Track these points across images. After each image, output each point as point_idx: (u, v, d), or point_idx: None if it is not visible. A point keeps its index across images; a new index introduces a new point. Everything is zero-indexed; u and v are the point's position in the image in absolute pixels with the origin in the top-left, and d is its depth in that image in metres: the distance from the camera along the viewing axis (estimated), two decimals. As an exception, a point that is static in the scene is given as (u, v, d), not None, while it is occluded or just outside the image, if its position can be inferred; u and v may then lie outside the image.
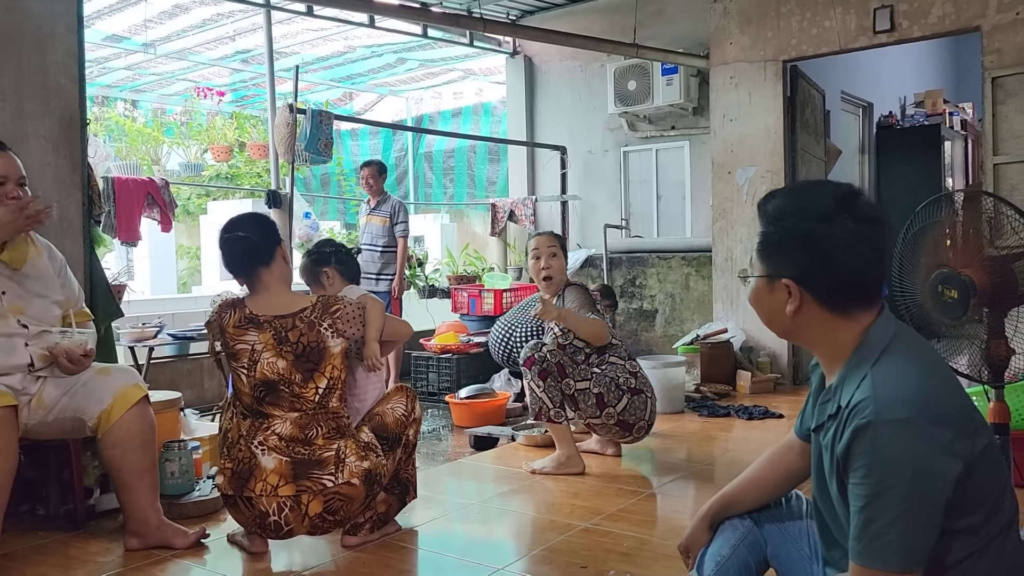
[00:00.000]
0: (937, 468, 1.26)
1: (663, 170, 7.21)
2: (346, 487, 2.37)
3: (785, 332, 1.50)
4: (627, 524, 2.77)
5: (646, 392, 3.51)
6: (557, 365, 3.38)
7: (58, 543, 2.69)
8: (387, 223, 5.92)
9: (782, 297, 1.43)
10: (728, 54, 5.75)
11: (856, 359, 1.40)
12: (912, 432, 1.26)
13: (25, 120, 3.22)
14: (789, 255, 1.42)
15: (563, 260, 3.67)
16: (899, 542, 1.26)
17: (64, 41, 3.35)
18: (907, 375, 1.33)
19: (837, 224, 1.37)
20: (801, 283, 1.41)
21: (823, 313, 1.42)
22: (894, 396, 1.29)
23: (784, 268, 1.42)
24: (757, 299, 1.49)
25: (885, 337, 1.39)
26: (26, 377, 2.56)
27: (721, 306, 5.85)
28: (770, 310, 1.47)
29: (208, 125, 8.75)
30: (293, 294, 2.57)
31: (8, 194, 2.50)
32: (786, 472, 1.75)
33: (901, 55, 7.76)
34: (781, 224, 1.43)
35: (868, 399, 1.30)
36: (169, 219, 5.17)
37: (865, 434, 1.28)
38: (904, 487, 1.25)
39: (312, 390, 2.44)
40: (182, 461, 3.00)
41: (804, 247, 1.40)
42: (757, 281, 1.48)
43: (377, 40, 7.57)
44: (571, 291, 3.59)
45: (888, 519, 1.26)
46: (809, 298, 1.41)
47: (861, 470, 1.29)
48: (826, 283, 1.40)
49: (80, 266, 3.32)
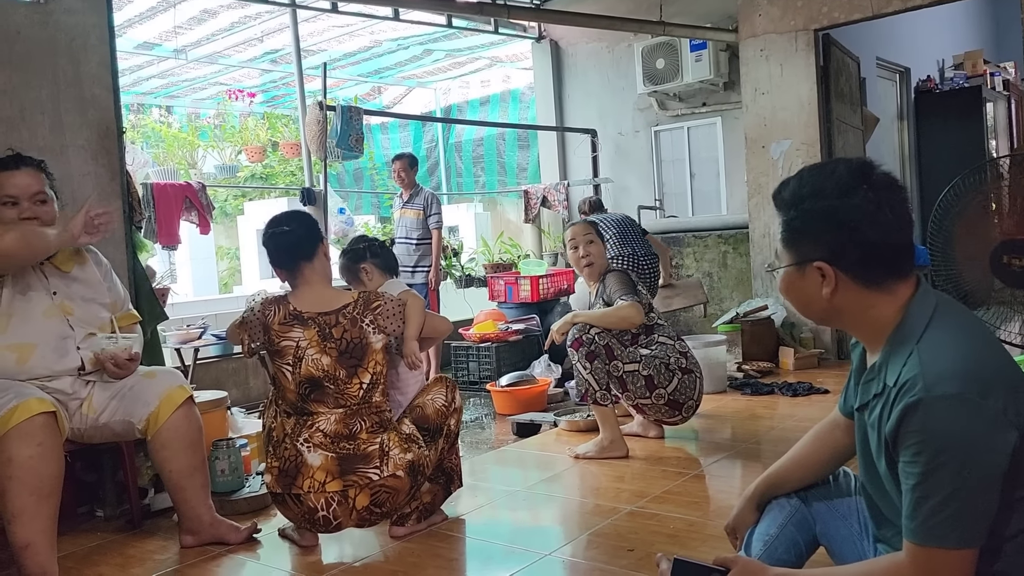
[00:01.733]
0: (992, 442, 1.23)
1: (695, 148, 7.13)
2: (391, 479, 2.40)
3: (823, 317, 1.47)
4: (673, 506, 2.76)
5: (696, 372, 3.52)
6: (605, 347, 3.37)
7: (116, 543, 2.76)
8: (421, 215, 5.93)
9: (815, 281, 1.40)
10: (757, 26, 5.65)
11: (900, 336, 1.37)
12: (964, 407, 1.24)
13: (64, 132, 3.29)
14: (815, 236, 1.39)
15: (601, 246, 3.67)
16: (955, 519, 1.24)
17: (97, 52, 3.41)
18: (954, 348, 1.30)
19: (857, 195, 1.35)
20: (833, 262, 1.38)
21: (859, 290, 1.39)
22: (942, 371, 1.27)
23: (813, 251, 1.40)
24: (789, 288, 1.46)
25: (927, 310, 1.36)
26: (76, 381, 2.62)
27: (760, 283, 5.78)
28: (805, 297, 1.44)
29: (241, 127, 8.87)
30: (335, 290, 2.60)
31: (22, 213, 2.51)
32: (832, 450, 1.73)
33: (937, 16, 7.55)
34: (801, 208, 1.41)
35: (916, 376, 1.28)
36: (207, 221, 5.25)
37: (916, 412, 1.26)
38: (958, 463, 1.23)
39: (356, 386, 2.47)
40: (231, 459, 3.06)
41: (829, 225, 1.37)
42: (787, 271, 1.45)
43: (403, 33, 7.59)
44: (611, 277, 3.57)
45: (942, 496, 1.24)
46: (843, 277, 1.38)
47: (912, 448, 1.27)
48: (857, 257, 1.37)
49: (124, 272, 3.39)
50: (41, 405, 2.32)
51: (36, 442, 2.25)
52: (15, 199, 2.51)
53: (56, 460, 2.31)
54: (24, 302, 2.53)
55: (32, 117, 3.20)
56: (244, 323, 2.53)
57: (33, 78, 3.21)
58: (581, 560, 2.36)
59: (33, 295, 2.54)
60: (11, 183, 2.51)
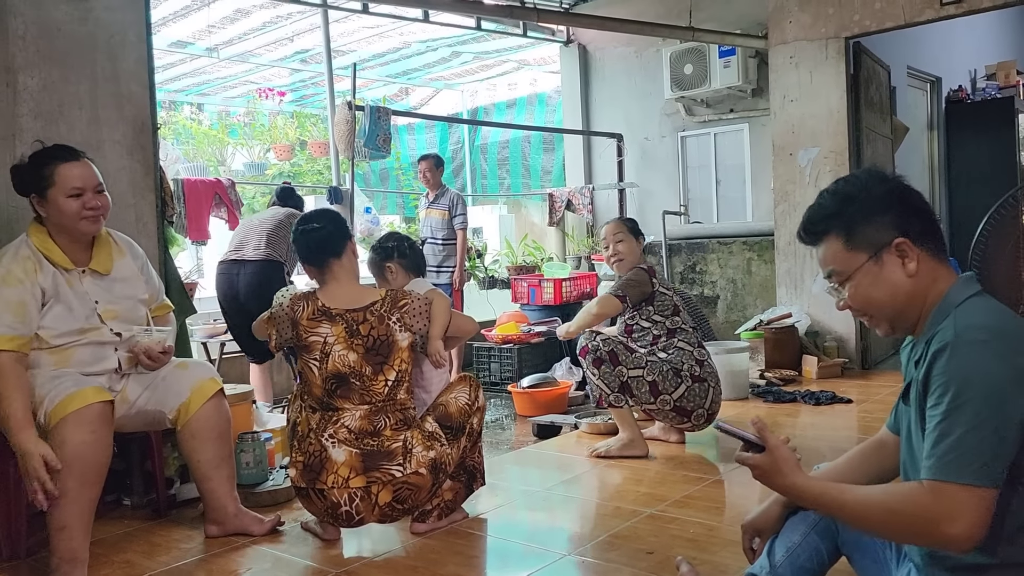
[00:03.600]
0: (1012, 389, 1.26)
1: (722, 154, 7.11)
2: (414, 476, 2.43)
3: (905, 305, 1.46)
4: (693, 511, 2.77)
5: (709, 381, 3.49)
6: (609, 353, 3.40)
7: (143, 531, 2.82)
8: (446, 216, 5.95)
9: (895, 264, 1.45)
10: (788, 33, 5.63)
11: (942, 306, 1.43)
12: (990, 351, 1.28)
13: (101, 127, 3.35)
14: (880, 219, 1.45)
15: (631, 243, 3.68)
16: (971, 455, 1.25)
17: (135, 49, 3.48)
18: (988, 311, 1.37)
19: (890, 181, 1.49)
20: (907, 235, 1.44)
21: (930, 262, 1.45)
22: (973, 323, 1.33)
23: (883, 235, 1.45)
24: (872, 285, 1.47)
25: (969, 288, 1.43)
26: (112, 376, 2.67)
27: (785, 290, 5.75)
28: (890, 285, 1.45)
29: (270, 125, 8.95)
30: (362, 287, 2.63)
31: (86, 203, 2.53)
32: (878, 467, 1.71)
33: (970, 26, 7.46)
34: (854, 206, 1.47)
35: (948, 326, 1.35)
36: (236, 218, 5.32)
37: (943, 354, 1.31)
38: (978, 402, 1.26)
39: (381, 383, 2.50)
40: (256, 452, 3.10)
41: (888, 204, 1.45)
42: (862, 272, 1.46)
43: (432, 35, 7.64)
44: (631, 272, 3.62)
45: (960, 433, 1.27)
46: (918, 250, 1.44)
47: (938, 390, 1.31)
48: (922, 225, 1.45)
49: (156, 265, 3.44)
50: (98, 395, 2.36)
51: (90, 430, 2.30)
52: (81, 190, 2.51)
53: (105, 449, 2.36)
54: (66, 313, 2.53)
55: (70, 112, 3.27)
56: (272, 318, 2.57)
57: (72, 74, 3.27)
58: (600, 561, 2.37)
59: (75, 306, 2.54)
60: (75, 174, 2.51)
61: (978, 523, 1.26)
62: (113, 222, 3.04)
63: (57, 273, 2.54)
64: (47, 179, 2.49)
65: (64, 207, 2.50)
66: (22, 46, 3.14)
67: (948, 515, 1.26)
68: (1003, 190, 7.34)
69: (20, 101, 3.13)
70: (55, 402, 2.32)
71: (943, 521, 1.27)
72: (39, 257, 2.51)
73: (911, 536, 1.36)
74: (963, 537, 1.26)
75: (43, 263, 2.52)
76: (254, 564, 2.50)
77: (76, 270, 2.59)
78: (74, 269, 2.58)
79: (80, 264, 2.60)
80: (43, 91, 3.19)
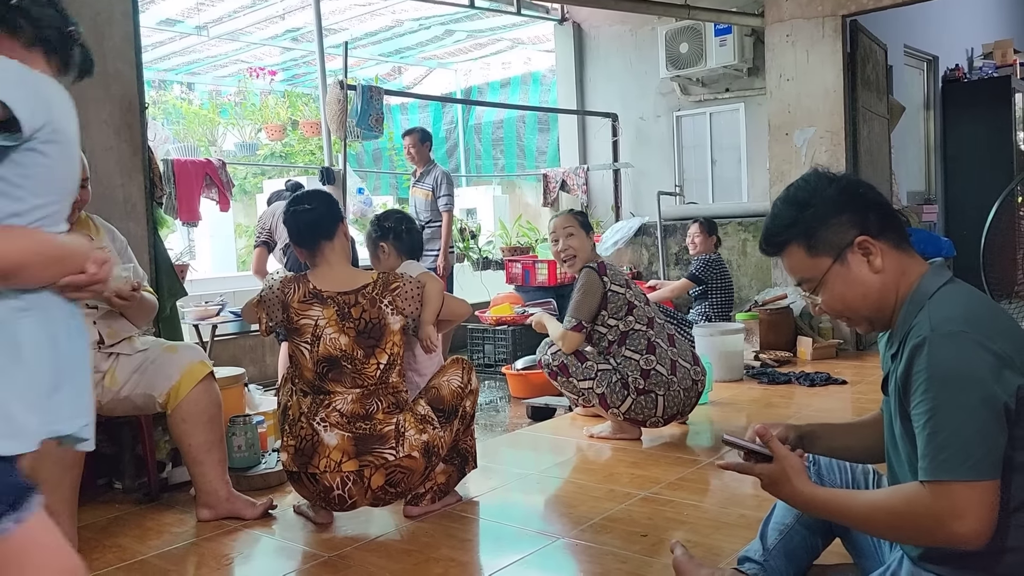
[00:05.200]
0: (992, 376, 1.26)
1: (717, 134, 7.07)
2: (407, 460, 2.41)
3: (878, 300, 1.45)
4: (687, 493, 2.76)
5: (656, 391, 3.33)
6: (559, 366, 3.38)
7: (134, 515, 2.80)
8: (429, 196, 5.62)
9: (860, 262, 1.44)
10: (784, 11, 5.57)
11: (914, 298, 1.41)
12: (966, 342, 1.28)
13: (87, 105, 3.29)
14: (836, 222, 1.45)
15: (583, 238, 3.50)
16: (966, 450, 1.25)
17: (121, 26, 3.41)
18: (961, 302, 1.36)
19: (838, 180, 1.49)
20: (866, 232, 1.43)
21: (894, 254, 1.45)
22: (947, 315, 1.32)
23: (843, 235, 1.44)
24: (843, 286, 1.46)
25: (940, 279, 1.42)
26: (97, 354, 2.64)
27: (780, 271, 5.73)
28: (859, 283, 1.44)
29: (261, 105, 8.87)
30: (354, 270, 2.61)
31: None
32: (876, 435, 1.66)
33: (967, 4, 7.42)
34: (809, 211, 1.47)
35: (922, 321, 1.34)
36: (227, 199, 5.27)
37: (921, 350, 1.30)
38: (962, 395, 1.26)
39: (373, 366, 2.47)
40: (248, 435, 3.08)
41: (839, 206, 1.45)
42: (830, 276, 1.46)
43: (424, 13, 7.55)
44: (580, 277, 3.42)
45: (951, 429, 1.26)
46: (881, 244, 1.44)
47: (921, 387, 1.30)
48: (877, 221, 1.44)
49: (144, 247, 3.41)
50: None
51: None
52: None
53: None
54: None
55: (56, 91, 3.21)
56: (262, 301, 2.54)
57: (57, 52, 3.21)
58: (594, 544, 2.36)
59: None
60: None
61: (986, 517, 1.25)
62: (100, 203, 3.01)
63: None
64: None
65: None
66: (5, 23, 3.08)
67: (954, 513, 1.25)
68: (1000, 170, 7.34)
69: (4, 80, 3.07)
70: None
71: (951, 520, 1.26)
72: None
73: (921, 538, 1.35)
74: (973, 533, 1.25)
75: None
76: (246, 548, 2.49)
77: None
78: None
79: None
80: (27, 69, 3.13)
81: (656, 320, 3.48)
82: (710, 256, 5.47)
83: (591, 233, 3.61)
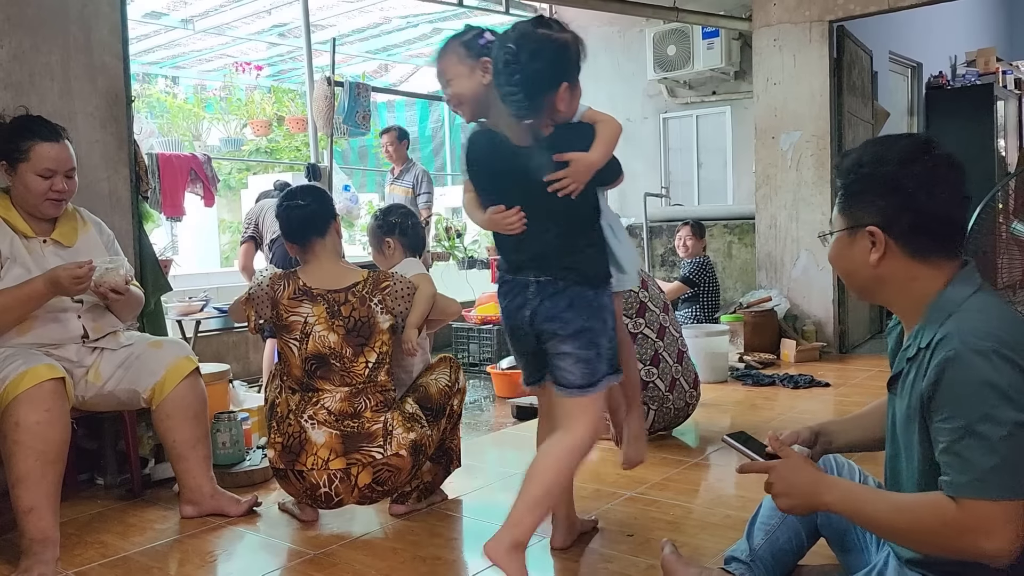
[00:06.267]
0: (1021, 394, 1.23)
1: (704, 136, 7.10)
2: (394, 459, 2.41)
3: (866, 286, 1.48)
4: (672, 493, 2.77)
5: (650, 405, 3.34)
6: None
7: (116, 511, 2.77)
8: (409, 194, 5.66)
9: (864, 247, 1.43)
10: (772, 15, 5.61)
11: (939, 304, 1.39)
12: (1001, 360, 1.25)
13: (73, 98, 3.26)
14: (871, 201, 1.42)
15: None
16: (997, 471, 1.23)
17: (108, 19, 3.38)
18: (992, 315, 1.33)
19: (917, 165, 1.38)
20: (885, 228, 1.40)
21: (906, 260, 1.41)
22: (978, 329, 1.29)
23: (866, 216, 1.42)
24: (838, 254, 1.49)
25: (970, 287, 1.39)
26: (81, 349, 2.62)
27: (765, 274, 5.77)
28: (852, 263, 1.46)
29: (247, 100, 8.81)
30: (345, 268, 2.58)
31: (54, 185, 2.52)
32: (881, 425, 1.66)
33: (952, 13, 7.49)
34: (861, 172, 1.44)
35: (951, 334, 1.30)
36: (212, 194, 5.24)
37: (953, 365, 1.28)
38: (997, 413, 1.23)
39: (362, 364, 2.46)
40: (232, 432, 3.06)
41: (885, 189, 1.40)
42: (838, 236, 1.48)
43: (412, 11, 7.53)
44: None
45: (984, 449, 1.24)
46: (892, 245, 1.41)
47: (951, 404, 1.28)
48: (909, 225, 1.39)
49: (130, 242, 3.37)
50: (50, 371, 2.32)
51: (44, 408, 2.26)
52: (52, 172, 2.52)
53: (63, 427, 2.31)
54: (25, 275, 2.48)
55: (41, 82, 3.17)
56: (251, 299, 2.52)
57: (43, 43, 3.18)
58: (579, 544, 2.37)
59: (34, 271, 2.50)
60: (51, 156, 2.51)
61: (1015, 536, 1.23)
62: (85, 196, 2.98)
63: (16, 238, 2.53)
64: (22, 153, 2.50)
65: (31, 185, 2.51)
66: (-9, 13, 3.04)
67: (984, 530, 1.24)
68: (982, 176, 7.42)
69: (-11, 70, 3.03)
70: (6, 382, 2.27)
71: (979, 537, 1.24)
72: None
73: (944, 549, 1.31)
74: (1002, 551, 1.24)
75: (2, 226, 2.52)
76: (231, 545, 2.47)
77: (37, 239, 2.58)
78: (35, 238, 2.58)
79: (42, 234, 2.60)
80: (13, 61, 3.09)
81: (669, 331, 3.46)
82: (703, 259, 5.50)
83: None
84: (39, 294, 2.41)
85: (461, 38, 2.03)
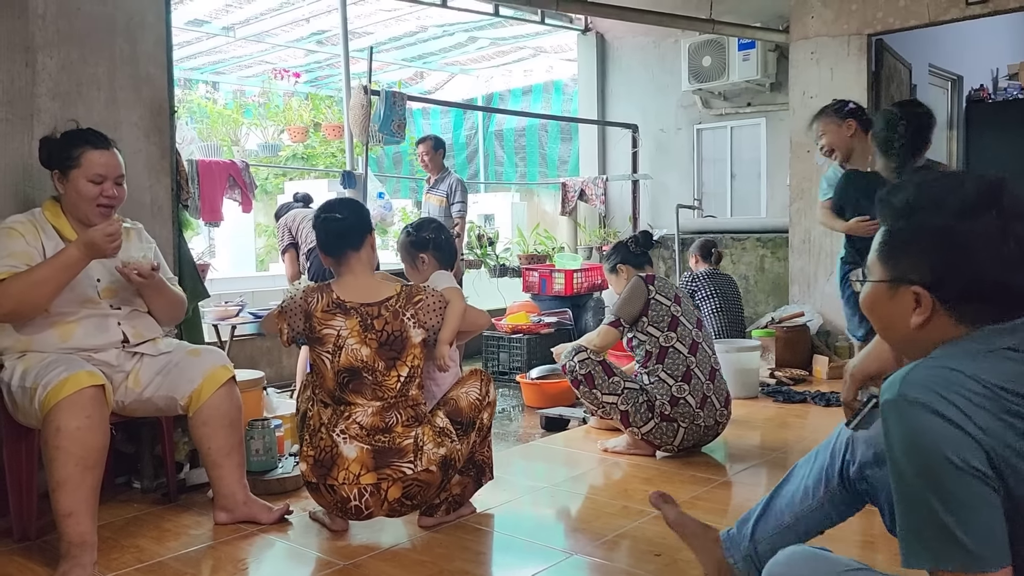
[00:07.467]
0: (956, 450, 1.05)
1: (738, 148, 7.06)
2: (424, 474, 2.43)
3: (904, 345, 1.29)
4: (701, 512, 2.74)
5: (680, 422, 3.34)
6: (585, 376, 3.37)
7: (152, 515, 2.83)
8: (444, 203, 5.74)
9: (906, 305, 1.22)
10: (809, 28, 5.57)
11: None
12: (922, 411, 1.07)
13: (118, 108, 3.34)
14: (921, 256, 1.20)
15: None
16: (943, 538, 1.06)
17: (153, 30, 3.45)
18: (951, 363, 1.12)
19: (981, 219, 1.15)
20: (933, 290, 1.19)
21: (950, 324, 1.20)
22: (918, 378, 1.11)
23: (913, 271, 1.21)
24: (874, 306, 1.29)
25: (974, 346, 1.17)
26: (121, 353, 2.68)
27: (798, 289, 5.72)
28: (889, 320, 1.27)
29: (285, 106, 8.94)
30: (378, 281, 2.61)
31: (104, 191, 2.58)
32: None
33: (993, 25, 7.35)
34: (913, 219, 1.22)
35: (896, 378, 1.13)
36: (250, 200, 5.33)
37: (883, 419, 1.13)
38: (925, 477, 1.06)
39: (394, 378, 2.49)
40: (266, 439, 3.11)
41: (940, 246, 1.18)
42: (875, 286, 1.27)
43: (449, 19, 7.60)
44: (629, 283, 3.53)
45: (920, 514, 1.08)
46: (939, 309, 1.20)
47: (892, 467, 1.13)
48: (961, 289, 1.18)
49: (170, 249, 3.44)
50: (91, 378, 2.38)
51: (85, 414, 2.31)
52: (103, 178, 2.59)
53: (102, 432, 2.37)
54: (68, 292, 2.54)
55: (88, 93, 3.25)
56: (284, 312, 2.55)
57: (90, 54, 3.26)
58: (606, 562, 2.37)
59: (77, 286, 2.56)
60: (102, 162, 2.59)
61: None
62: (129, 206, 3.04)
63: (61, 244, 2.59)
64: (74, 160, 2.57)
65: (83, 190, 2.58)
66: (41, 25, 3.12)
67: None
68: None
69: (39, 81, 3.11)
70: (48, 388, 2.33)
71: None
72: (45, 225, 2.60)
73: None
74: None
75: (48, 231, 2.60)
76: (263, 553, 2.52)
77: None
78: None
79: None
80: (62, 71, 3.18)
81: (702, 347, 3.46)
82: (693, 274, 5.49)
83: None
84: (75, 259, 2.44)
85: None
